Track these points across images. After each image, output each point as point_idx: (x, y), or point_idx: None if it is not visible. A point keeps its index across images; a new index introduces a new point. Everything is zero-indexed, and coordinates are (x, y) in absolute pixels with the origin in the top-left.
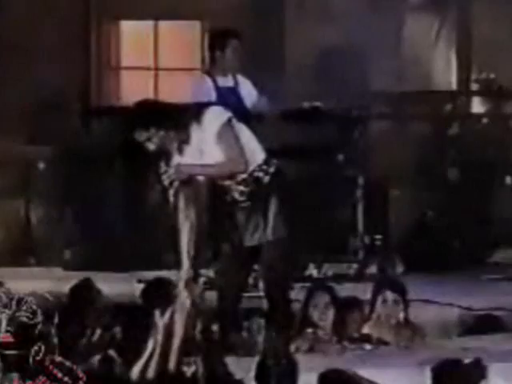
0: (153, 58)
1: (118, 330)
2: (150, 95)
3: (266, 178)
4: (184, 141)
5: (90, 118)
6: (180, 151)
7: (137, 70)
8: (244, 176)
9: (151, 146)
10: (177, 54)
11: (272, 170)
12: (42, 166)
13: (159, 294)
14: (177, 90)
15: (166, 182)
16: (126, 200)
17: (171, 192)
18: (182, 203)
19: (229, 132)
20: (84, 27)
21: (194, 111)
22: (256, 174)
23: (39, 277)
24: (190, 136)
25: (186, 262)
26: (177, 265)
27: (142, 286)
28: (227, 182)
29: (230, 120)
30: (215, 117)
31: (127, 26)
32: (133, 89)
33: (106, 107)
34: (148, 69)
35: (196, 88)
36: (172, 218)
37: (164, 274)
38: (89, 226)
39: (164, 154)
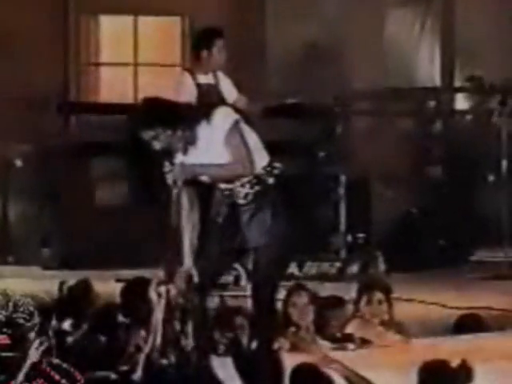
0: (132, 54)
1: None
2: (130, 91)
3: (271, 181)
4: (191, 140)
5: (68, 115)
6: (185, 150)
7: (116, 66)
8: (249, 178)
9: (157, 146)
10: (156, 50)
11: (276, 172)
12: (19, 163)
13: (139, 293)
14: (157, 86)
15: (170, 181)
16: (105, 198)
17: (175, 191)
18: (185, 202)
19: (237, 134)
20: (62, 22)
21: (203, 111)
22: (261, 176)
23: (17, 276)
24: (198, 136)
25: (188, 261)
26: (157, 263)
27: (120, 285)
28: (230, 184)
29: (237, 122)
30: (224, 117)
31: (106, 22)
32: (112, 85)
33: (85, 103)
34: (127, 65)
35: (177, 85)
36: (153, 217)
37: (144, 273)
38: (67, 225)
39: (169, 153)
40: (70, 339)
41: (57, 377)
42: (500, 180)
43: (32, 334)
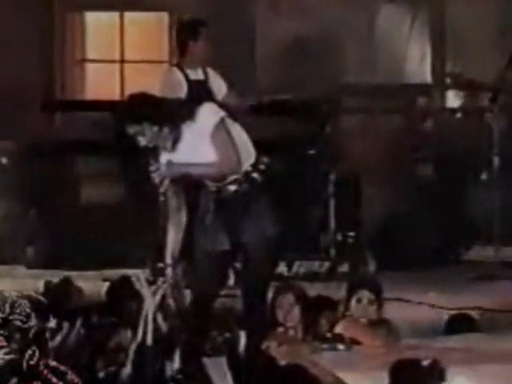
0: (119, 51)
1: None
2: (116, 89)
3: (259, 177)
4: (176, 138)
5: (54, 112)
6: (172, 149)
7: (102, 63)
8: (237, 176)
9: (143, 142)
10: (144, 47)
11: (263, 167)
12: (4, 160)
13: (124, 292)
14: (144, 84)
15: (157, 180)
16: (91, 196)
17: (162, 190)
18: (172, 202)
19: (223, 131)
20: (48, 18)
21: (188, 108)
22: (249, 173)
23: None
24: (183, 133)
25: (170, 261)
26: (143, 263)
27: (107, 284)
28: (218, 182)
29: (223, 118)
30: (210, 115)
31: (92, 18)
32: (98, 82)
33: (71, 101)
34: (114, 61)
35: (166, 81)
36: (140, 216)
37: (130, 272)
38: (52, 224)
39: (154, 151)
40: (56, 339)
41: (54, 379)
42: (491, 178)
43: (29, 336)
